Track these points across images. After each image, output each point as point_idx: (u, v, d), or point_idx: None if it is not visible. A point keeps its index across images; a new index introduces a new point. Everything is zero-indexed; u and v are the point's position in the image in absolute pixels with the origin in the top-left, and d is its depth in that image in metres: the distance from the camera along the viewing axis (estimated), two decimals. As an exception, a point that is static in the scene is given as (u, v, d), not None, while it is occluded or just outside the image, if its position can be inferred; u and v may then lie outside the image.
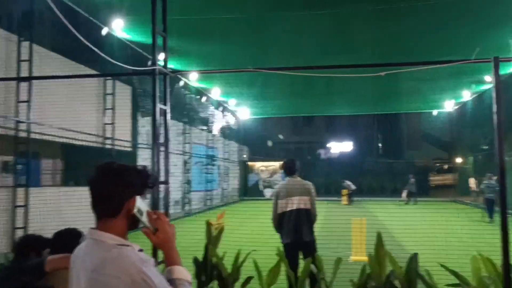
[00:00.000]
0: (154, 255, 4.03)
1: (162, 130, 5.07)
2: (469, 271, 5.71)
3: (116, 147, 13.94)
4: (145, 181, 1.78)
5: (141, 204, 1.74)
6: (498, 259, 5.69)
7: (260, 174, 30.64)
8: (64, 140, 11.23)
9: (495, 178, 18.81)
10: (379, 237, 4.21)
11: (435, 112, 27.21)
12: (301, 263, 5.15)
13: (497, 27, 12.52)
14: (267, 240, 8.28)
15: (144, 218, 1.73)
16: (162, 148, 4.97)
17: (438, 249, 8.73)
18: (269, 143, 27.68)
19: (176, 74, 5.68)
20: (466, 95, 22.46)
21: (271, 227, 5.42)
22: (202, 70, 14.71)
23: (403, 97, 22.25)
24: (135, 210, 1.70)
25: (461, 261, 7.53)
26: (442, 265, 4.29)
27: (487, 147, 24.21)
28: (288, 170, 5.54)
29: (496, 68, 3.74)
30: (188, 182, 20.56)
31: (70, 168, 12.73)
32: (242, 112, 27.47)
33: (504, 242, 3.69)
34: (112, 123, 13.52)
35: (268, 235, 8.40)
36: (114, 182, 1.71)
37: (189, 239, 9.83)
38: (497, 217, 16.88)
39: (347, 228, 9.91)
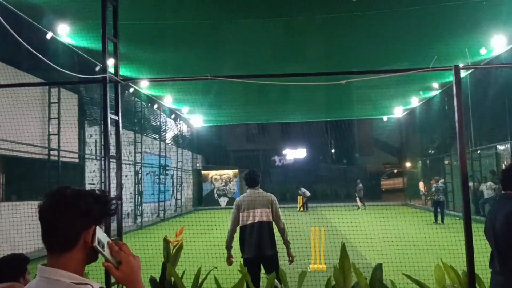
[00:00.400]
0: None
1: (113, 142, 4.74)
2: (428, 275, 5.72)
3: (62, 159, 13.23)
4: (105, 208, 1.54)
5: (101, 234, 1.50)
6: (455, 263, 5.76)
7: (215, 183, 30.28)
8: (5, 152, 10.50)
9: (442, 181, 19.70)
10: (343, 248, 4.09)
11: (385, 118, 27.98)
12: (263, 278, 4.98)
13: (441, 38, 12.98)
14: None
15: (106, 251, 1.48)
16: (113, 161, 4.64)
17: (397, 255, 8.81)
18: None
19: (128, 82, 5.36)
20: (415, 102, 23.22)
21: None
22: (154, 78, 14.28)
23: (354, 104, 22.74)
24: (95, 243, 1.45)
25: (420, 266, 7.64)
26: (405, 275, 4.23)
27: (434, 151, 25.13)
28: (250, 181, 5.32)
29: (457, 76, 3.73)
30: (140, 193, 19.92)
31: (12, 181, 11.94)
32: (196, 120, 27.08)
33: (468, 249, 3.66)
34: (58, 133, 12.83)
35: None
36: (69, 211, 1.46)
37: (142, 254, 9.43)
38: (448, 221, 17.39)
39: (306, 237, 9.85)
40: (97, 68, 13.59)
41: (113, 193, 5.05)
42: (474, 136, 18.48)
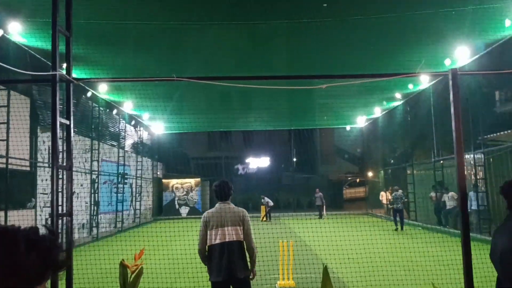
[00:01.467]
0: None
1: (64, 149, 4.12)
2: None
3: (11, 167, 12.24)
4: (47, 261, 1.02)
5: None
6: (425, 276, 5.46)
7: (176, 191, 29.41)
8: None
9: (400, 190, 20.05)
10: (325, 272, 3.65)
11: (348, 128, 28.11)
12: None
13: (407, 46, 13.01)
14: (189, 268, 7.49)
15: None
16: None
17: (366, 268, 8.51)
18: None
19: (81, 82, 4.75)
20: (377, 111, 23.38)
21: (192, 251, 4.68)
22: (112, 78, 13.55)
23: (317, 113, 22.70)
24: None
25: (391, 280, 7.37)
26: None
27: (395, 161, 25.38)
28: (220, 194, 4.71)
29: (454, 80, 3.41)
30: (96, 203, 18.92)
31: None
32: (156, 126, 26.25)
33: (467, 276, 3.30)
34: (6, 139, 11.84)
35: (190, 263, 7.61)
36: None
37: (98, 270, 8.73)
38: (410, 230, 17.42)
39: (272, 250, 9.41)
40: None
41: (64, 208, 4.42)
42: (436, 146, 18.68)
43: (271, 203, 25.37)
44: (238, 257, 4.49)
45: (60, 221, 4.31)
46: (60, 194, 4.22)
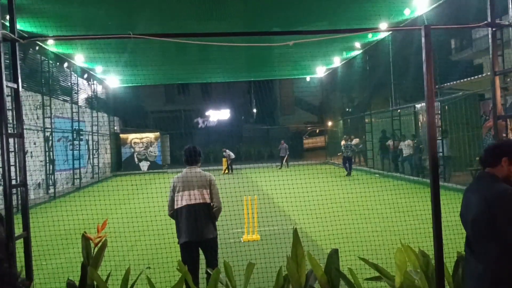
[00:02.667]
0: None
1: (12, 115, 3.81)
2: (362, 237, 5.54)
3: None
4: None
5: None
6: (383, 223, 5.66)
7: (135, 146, 28.88)
8: None
9: (356, 140, 20.75)
10: (295, 234, 3.64)
11: (308, 79, 28.06)
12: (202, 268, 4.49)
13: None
14: (153, 222, 7.40)
15: None
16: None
17: (327, 218, 8.69)
18: None
19: (28, 41, 4.36)
20: (337, 61, 23.35)
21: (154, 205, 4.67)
22: (61, 35, 12.70)
23: (276, 63, 22.41)
24: None
25: (353, 228, 7.56)
26: (361, 259, 3.90)
27: (354, 110, 25.79)
28: (188, 159, 4.70)
29: (427, 37, 3.33)
30: (52, 161, 18.29)
31: None
32: (111, 80, 25.24)
33: (437, 233, 3.36)
34: None
35: (155, 218, 7.51)
36: None
37: (57, 232, 8.50)
38: (367, 177, 17.94)
39: (236, 205, 9.45)
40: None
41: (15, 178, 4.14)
42: (394, 96, 19.00)
43: (232, 156, 25.42)
44: (205, 218, 4.50)
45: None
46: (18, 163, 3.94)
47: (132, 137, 28.97)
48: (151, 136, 29.08)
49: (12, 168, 4.02)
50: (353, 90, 25.11)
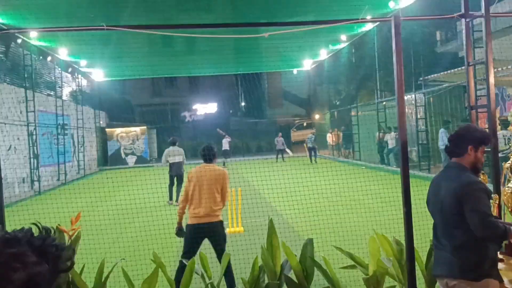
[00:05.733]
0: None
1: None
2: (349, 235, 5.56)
3: None
4: (56, 268, 0.94)
5: None
6: (357, 208, 5.69)
7: (121, 141, 28.66)
8: None
9: (312, 132, 21.22)
10: (271, 224, 3.62)
11: (295, 71, 28.02)
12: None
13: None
14: (138, 217, 7.34)
15: None
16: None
17: (312, 209, 8.70)
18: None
19: (7, 32, 4.29)
20: (323, 54, 23.33)
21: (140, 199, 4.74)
22: (42, 27, 12.48)
23: (263, 56, 22.32)
24: None
25: (337, 220, 7.59)
26: (337, 248, 3.90)
27: (340, 103, 25.85)
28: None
29: (397, 27, 3.31)
30: (36, 156, 18.08)
31: None
32: (96, 74, 24.94)
33: (407, 220, 3.36)
34: None
35: (141, 211, 7.44)
36: None
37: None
38: (353, 169, 18.01)
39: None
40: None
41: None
42: (380, 88, 19.07)
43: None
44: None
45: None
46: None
47: (118, 131, 28.75)
48: (137, 130, 28.89)
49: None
50: (339, 83, 25.16)
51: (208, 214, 4.76)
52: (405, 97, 13.83)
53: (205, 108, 35.46)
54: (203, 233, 4.74)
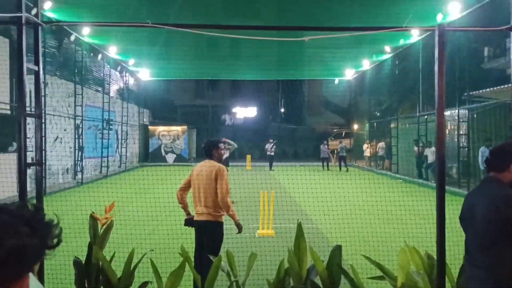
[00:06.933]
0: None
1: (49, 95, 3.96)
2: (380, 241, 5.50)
3: (-10, 110, 11.98)
4: (44, 241, 0.95)
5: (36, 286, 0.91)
6: (397, 224, 5.59)
7: (162, 138, 29.33)
8: None
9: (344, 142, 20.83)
10: (299, 228, 3.66)
11: (336, 80, 27.86)
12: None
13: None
14: (172, 213, 7.51)
15: None
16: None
17: (344, 218, 8.64)
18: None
19: (51, 25, 4.52)
20: (366, 64, 23.09)
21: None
22: (82, 21, 12.93)
23: (306, 64, 22.33)
24: None
25: (370, 231, 7.50)
26: (365, 257, 3.89)
27: (381, 114, 25.44)
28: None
29: (441, 37, 3.29)
30: (81, 148, 18.79)
31: None
32: (143, 73, 25.69)
33: (440, 235, 3.32)
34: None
35: (171, 207, 7.63)
36: None
37: (80, 215, 8.75)
38: (390, 181, 17.75)
39: (254, 199, 9.50)
40: (34, 12, 12.05)
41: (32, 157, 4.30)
42: (422, 101, 18.66)
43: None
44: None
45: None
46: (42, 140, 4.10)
47: (160, 129, 29.44)
48: (178, 129, 29.48)
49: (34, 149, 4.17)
50: (381, 94, 24.80)
51: (204, 212, 4.73)
52: (448, 112, 13.54)
53: (245, 112, 35.75)
54: (200, 231, 4.75)
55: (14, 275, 0.88)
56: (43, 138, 9.40)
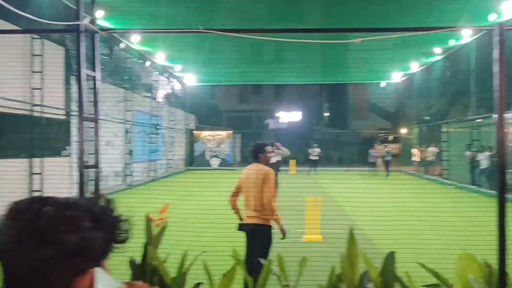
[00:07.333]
0: None
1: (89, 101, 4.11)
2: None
3: (46, 115, 12.55)
4: (112, 236, 0.95)
5: (106, 281, 0.91)
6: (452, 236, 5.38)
7: (207, 143, 29.75)
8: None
9: (389, 146, 20.17)
10: (351, 234, 3.59)
11: (383, 84, 27.31)
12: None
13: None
14: (220, 216, 7.61)
15: None
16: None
17: (395, 225, 8.43)
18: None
19: (107, 32, 4.68)
20: (414, 67, 22.51)
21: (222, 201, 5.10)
22: (137, 28, 13.41)
23: (351, 67, 22.05)
24: None
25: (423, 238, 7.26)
26: (420, 264, 3.77)
27: (429, 117, 24.69)
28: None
29: (501, 36, 3.15)
30: (130, 152, 19.37)
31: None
32: (189, 78, 26.22)
33: (500, 242, 3.17)
34: (41, 88, 12.06)
35: (219, 209, 7.71)
36: (43, 250, 0.86)
37: (130, 216, 9.00)
38: (441, 187, 17.15)
39: (299, 204, 9.42)
40: (86, 20, 12.61)
41: (89, 159, 4.45)
42: (476, 104, 17.96)
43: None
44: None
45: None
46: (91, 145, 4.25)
47: (205, 134, 29.88)
48: (223, 134, 29.80)
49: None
50: (430, 97, 24.05)
51: (253, 216, 4.76)
52: (507, 115, 12.82)
53: (289, 116, 35.68)
54: (249, 234, 4.80)
55: (77, 270, 0.88)
56: (82, 143, 9.70)
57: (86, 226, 0.88)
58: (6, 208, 0.90)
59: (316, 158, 25.42)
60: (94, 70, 4.04)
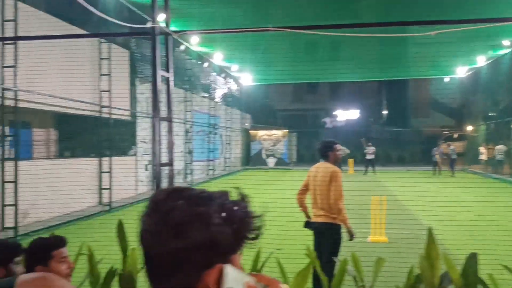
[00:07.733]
0: None
1: (163, 101, 4.23)
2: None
3: (114, 116, 13.11)
4: (243, 233, 0.94)
5: (234, 276, 0.90)
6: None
7: (263, 143, 29.89)
8: (56, 109, 10.41)
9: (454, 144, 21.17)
10: (430, 235, 3.46)
11: (447, 79, 26.18)
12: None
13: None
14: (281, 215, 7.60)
15: None
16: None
17: (464, 226, 8.08)
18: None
19: (179, 34, 4.82)
20: (481, 61, 21.40)
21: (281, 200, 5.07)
22: (208, 30, 13.72)
23: (411, 62, 21.32)
24: None
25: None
26: (505, 267, 3.57)
27: (497, 115, 23.41)
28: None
29: None
30: (190, 151, 19.85)
31: (64, 138, 11.95)
32: (245, 78, 26.45)
33: None
34: (109, 90, 12.62)
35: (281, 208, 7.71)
36: (173, 240, 0.89)
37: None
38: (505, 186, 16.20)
39: (363, 204, 9.23)
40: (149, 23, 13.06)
41: (163, 157, 4.59)
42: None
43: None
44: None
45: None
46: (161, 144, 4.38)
47: (261, 133, 30.03)
48: (279, 133, 29.82)
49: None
50: (498, 92, 22.76)
51: (321, 214, 4.70)
52: None
53: (346, 114, 35.07)
54: (317, 232, 4.73)
55: (204, 264, 0.89)
56: (159, 141, 10.00)
57: (216, 222, 0.89)
58: (151, 197, 0.94)
59: (372, 157, 24.74)
60: (168, 71, 4.16)
